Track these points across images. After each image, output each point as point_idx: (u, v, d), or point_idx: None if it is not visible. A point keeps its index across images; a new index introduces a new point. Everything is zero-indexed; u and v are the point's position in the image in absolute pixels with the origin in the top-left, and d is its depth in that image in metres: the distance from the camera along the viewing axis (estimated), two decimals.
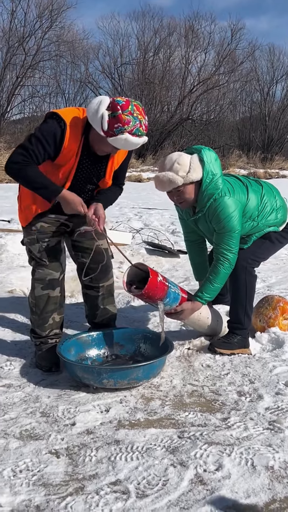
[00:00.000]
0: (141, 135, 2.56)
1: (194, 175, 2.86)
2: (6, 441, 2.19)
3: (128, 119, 2.50)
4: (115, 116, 2.50)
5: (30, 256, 2.98)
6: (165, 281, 2.85)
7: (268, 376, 2.85)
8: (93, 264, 3.02)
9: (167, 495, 1.85)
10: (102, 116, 2.50)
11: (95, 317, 3.14)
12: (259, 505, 1.80)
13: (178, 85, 24.95)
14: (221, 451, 2.10)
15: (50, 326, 2.95)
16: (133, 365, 2.65)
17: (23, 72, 22.25)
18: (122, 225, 7.57)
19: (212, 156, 2.94)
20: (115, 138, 2.52)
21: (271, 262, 5.45)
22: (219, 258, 2.97)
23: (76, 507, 1.79)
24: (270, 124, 26.46)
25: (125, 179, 3.10)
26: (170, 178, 2.84)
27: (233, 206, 2.92)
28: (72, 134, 2.64)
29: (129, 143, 2.54)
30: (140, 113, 2.56)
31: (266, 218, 3.11)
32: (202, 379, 2.83)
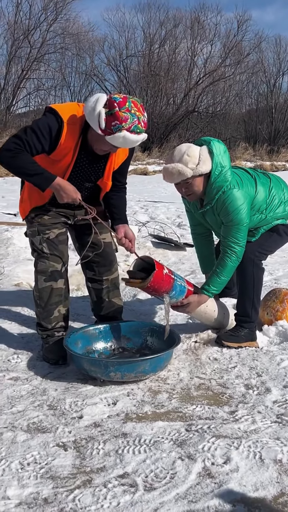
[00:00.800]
0: (139, 132, 2.52)
1: (203, 167, 2.84)
2: (13, 434, 2.20)
3: (125, 116, 2.46)
4: (112, 113, 2.46)
5: (33, 248, 2.98)
6: (171, 274, 2.84)
7: (276, 369, 2.84)
8: (97, 257, 3.02)
9: (175, 488, 1.85)
10: (99, 114, 2.47)
11: (101, 310, 3.14)
12: (267, 499, 1.80)
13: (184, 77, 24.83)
14: (229, 444, 2.10)
15: (56, 318, 2.95)
16: (140, 358, 2.65)
17: (29, 65, 22.19)
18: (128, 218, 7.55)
19: (221, 148, 2.92)
20: (113, 136, 2.48)
21: (278, 255, 5.42)
22: (226, 251, 2.96)
23: (84, 500, 1.79)
24: (277, 116, 26.30)
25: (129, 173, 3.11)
26: (179, 170, 2.81)
27: (242, 199, 2.90)
28: (69, 131, 2.61)
29: (127, 140, 2.50)
30: (138, 109, 2.52)
31: (274, 211, 3.09)
32: (209, 372, 2.82)
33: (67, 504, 1.77)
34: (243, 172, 3.10)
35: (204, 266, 3.39)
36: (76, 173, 2.79)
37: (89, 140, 2.67)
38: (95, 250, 3.01)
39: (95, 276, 3.07)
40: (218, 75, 24.55)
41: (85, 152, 2.72)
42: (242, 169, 3.17)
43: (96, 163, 2.80)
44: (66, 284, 2.99)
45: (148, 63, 24.15)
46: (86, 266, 3.10)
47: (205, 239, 3.33)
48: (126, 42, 25.35)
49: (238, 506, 1.76)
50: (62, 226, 2.96)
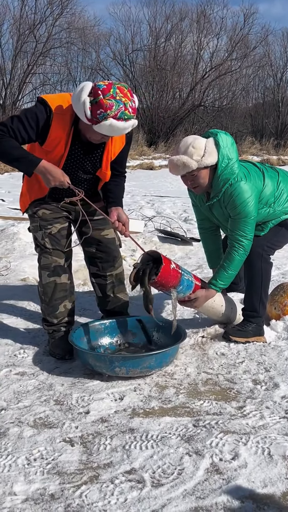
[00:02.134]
0: (127, 118, 2.45)
1: (209, 159, 2.81)
2: (20, 429, 2.18)
3: (110, 104, 2.40)
4: (97, 102, 2.40)
5: (36, 243, 2.97)
6: (178, 269, 2.82)
7: (284, 364, 2.81)
8: (100, 253, 3.00)
9: (183, 484, 1.83)
10: (84, 103, 2.42)
11: (106, 305, 3.13)
12: (276, 495, 1.78)
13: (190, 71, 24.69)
14: (237, 440, 2.08)
15: (62, 314, 2.93)
16: (146, 354, 2.62)
17: (34, 60, 22.13)
18: (134, 213, 7.52)
19: (229, 140, 2.89)
20: (99, 125, 2.43)
21: (285, 249, 5.35)
22: (233, 245, 2.93)
23: (91, 496, 1.78)
24: (284, 110, 26.13)
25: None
26: (184, 162, 2.78)
27: (249, 192, 2.87)
28: (58, 121, 2.58)
29: (114, 128, 2.45)
30: (124, 95, 2.45)
31: (283, 205, 3.06)
32: (216, 367, 2.80)
33: (74, 500, 1.76)
34: (251, 166, 3.06)
35: (211, 261, 3.36)
36: (72, 164, 2.75)
37: (81, 129, 2.63)
38: (98, 247, 2.99)
39: (98, 271, 3.05)
40: (225, 69, 24.40)
41: (79, 142, 2.68)
42: (250, 163, 3.14)
43: (91, 153, 2.75)
44: (70, 279, 2.97)
45: (154, 57, 24.03)
46: (89, 262, 3.08)
47: (212, 234, 3.30)
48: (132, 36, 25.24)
49: (246, 502, 1.74)
50: (64, 220, 2.93)
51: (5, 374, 2.70)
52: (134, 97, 2.52)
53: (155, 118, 22.63)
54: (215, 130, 2.95)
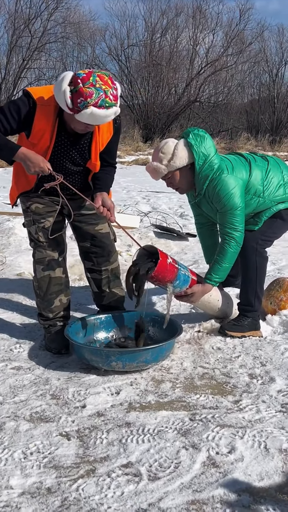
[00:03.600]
0: (109, 106, 2.42)
1: (177, 162, 2.87)
2: (16, 423, 2.18)
3: (90, 92, 2.37)
4: (77, 90, 2.38)
5: (30, 238, 2.96)
6: (175, 263, 2.81)
7: (280, 358, 2.81)
8: (94, 248, 2.99)
9: (180, 478, 1.83)
10: (64, 93, 2.40)
11: (102, 300, 3.12)
12: (272, 488, 1.78)
13: (186, 67, 24.61)
14: (234, 434, 2.08)
15: (57, 308, 2.93)
16: (142, 348, 2.62)
17: (29, 55, 22.01)
18: (130, 209, 7.51)
19: (200, 137, 2.90)
20: (80, 114, 2.41)
21: (281, 244, 5.38)
22: (224, 238, 2.93)
23: (87, 489, 1.78)
24: (279, 106, 26.06)
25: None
26: (154, 168, 2.90)
27: (233, 183, 2.88)
28: (42, 112, 2.56)
29: (96, 116, 2.42)
30: (104, 83, 2.42)
31: (274, 194, 3.04)
32: (213, 361, 2.80)
33: (71, 493, 1.76)
34: (236, 157, 3.07)
35: (208, 256, 3.36)
36: (59, 155, 2.72)
37: (66, 120, 2.60)
38: (93, 242, 2.98)
39: (94, 266, 3.04)
40: (220, 65, 24.32)
41: (65, 133, 2.66)
42: (238, 154, 3.14)
43: (78, 144, 2.72)
44: (65, 273, 2.96)
45: (149, 52, 23.93)
46: (84, 257, 3.07)
47: (208, 229, 3.30)
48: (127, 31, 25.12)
49: (243, 495, 1.74)
50: (58, 215, 2.91)
51: (1, 368, 2.69)
52: (116, 84, 2.48)
53: (151, 114, 22.56)
54: (188, 130, 2.98)
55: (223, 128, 24.07)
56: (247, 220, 3.03)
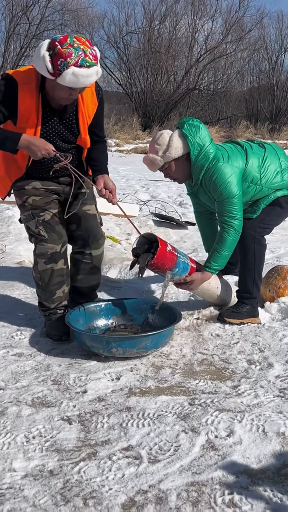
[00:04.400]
0: (89, 65, 2.40)
1: (173, 153, 2.90)
2: (18, 408, 2.21)
3: (69, 52, 2.35)
4: (56, 53, 2.36)
5: (29, 233, 2.93)
6: (175, 251, 2.84)
7: (278, 345, 2.85)
8: (80, 231, 2.97)
9: (179, 460, 1.87)
10: (43, 58, 2.38)
11: (75, 281, 3.09)
12: (270, 470, 1.82)
13: (185, 54, 24.47)
14: (232, 418, 2.12)
15: (59, 299, 2.94)
16: (142, 334, 2.65)
17: (27, 42, 21.89)
18: (129, 197, 7.53)
19: (195, 127, 2.92)
20: (62, 76, 2.38)
21: (280, 233, 5.41)
22: (223, 227, 2.95)
23: (89, 472, 1.81)
24: (278, 94, 25.97)
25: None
26: (150, 160, 2.94)
27: (229, 172, 2.90)
28: (25, 91, 2.54)
29: (78, 76, 2.39)
30: (83, 43, 2.40)
31: (271, 181, 3.05)
32: (211, 348, 2.83)
33: (73, 476, 1.79)
34: (233, 145, 3.08)
35: (207, 244, 3.39)
36: (49, 133, 2.70)
37: (49, 92, 2.58)
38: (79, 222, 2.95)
39: (79, 249, 3.01)
40: (219, 52, 24.19)
41: (49, 109, 2.64)
42: (235, 142, 3.15)
43: (65, 118, 2.70)
44: (66, 263, 2.96)
45: (148, 40, 23.78)
46: (71, 240, 3.03)
47: (207, 218, 3.32)
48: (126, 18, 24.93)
49: (241, 477, 1.78)
50: (56, 204, 2.90)
51: (2, 355, 2.72)
52: (94, 47, 2.47)
53: (150, 102, 22.48)
54: (183, 120, 3.00)
55: (222, 116, 23.97)
56: (245, 208, 3.05)
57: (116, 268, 4.30)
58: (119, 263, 4.36)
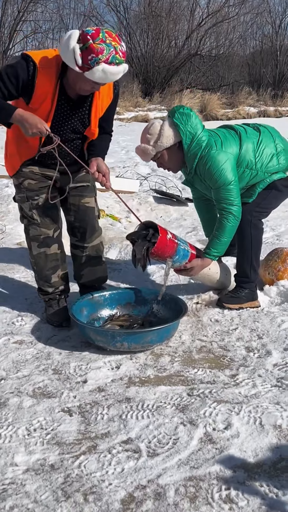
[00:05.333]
0: (119, 63, 2.39)
1: (164, 142, 2.89)
2: (19, 399, 2.25)
3: (101, 48, 2.32)
4: (87, 47, 2.32)
5: (22, 214, 2.92)
6: (175, 239, 2.83)
7: (277, 331, 2.87)
8: (77, 222, 2.97)
9: (178, 454, 1.91)
10: (73, 51, 2.34)
11: (81, 278, 3.11)
12: (266, 464, 1.86)
13: (186, 18, 23.87)
14: (230, 410, 2.15)
15: (56, 283, 2.96)
16: (148, 329, 2.65)
17: (25, 6, 21.34)
18: (129, 172, 7.47)
19: (186, 115, 2.89)
20: (91, 71, 2.36)
21: (280, 209, 5.34)
22: (222, 213, 2.94)
23: (89, 466, 1.85)
24: (282, 59, 25.43)
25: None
26: (142, 150, 2.95)
27: (223, 159, 2.87)
28: (44, 75, 2.49)
29: (107, 73, 2.38)
30: (113, 39, 2.37)
31: (266, 165, 3.02)
32: (210, 334, 2.86)
33: (73, 470, 1.83)
34: (226, 131, 3.05)
35: (206, 229, 3.38)
36: (60, 121, 2.66)
37: (70, 81, 2.54)
38: (76, 214, 2.95)
39: (77, 242, 3.02)
40: (222, 16, 23.60)
41: (65, 97, 2.60)
42: (227, 127, 3.11)
43: (79, 108, 2.67)
44: (61, 248, 2.96)
45: (149, 3, 23.19)
46: (69, 231, 3.04)
47: (205, 203, 3.30)
48: None
49: (238, 472, 1.82)
50: (52, 190, 2.86)
51: (4, 342, 2.75)
52: (122, 42, 2.44)
53: (150, 68, 22.06)
54: (174, 109, 2.97)
55: (224, 83, 23.55)
56: (241, 193, 3.03)
57: (116, 248, 4.31)
58: (119, 243, 4.36)
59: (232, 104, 21.91)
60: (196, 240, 4.56)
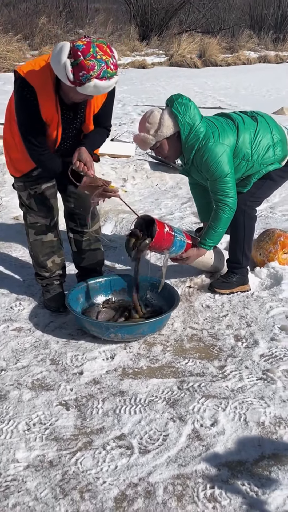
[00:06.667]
0: (110, 76, 2.41)
1: (165, 131, 2.90)
2: (19, 392, 2.39)
3: (92, 64, 2.33)
4: (78, 63, 2.33)
5: (20, 202, 3.00)
6: (171, 231, 2.89)
7: (265, 318, 2.99)
8: (77, 209, 3.03)
9: (167, 451, 2.06)
10: (64, 66, 2.35)
11: (81, 261, 3.21)
12: (249, 462, 2.01)
13: None
14: (217, 405, 2.29)
15: (52, 268, 3.06)
16: (140, 322, 2.76)
17: None
18: (125, 131, 7.40)
19: (184, 106, 2.90)
20: (83, 87, 2.39)
21: None
22: (218, 205, 3.00)
23: (85, 463, 2.01)
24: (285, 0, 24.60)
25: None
26: (142, 139, 2.95)
27: (220, 151, 2.91)
28: (43, 96, 2.54)
29: (99, 88, 2.41)
30: (104, 53, 2.38)
31: (262, 156, 3.05)
32: (201, 321, 2.98)
33: (70, 467, 1.99)
34: (224, 120, 3.06)
35: (202, 214, 3.45)
36: (66, 127, 2.73)
37: (64, 91, 2.57)
38: (76, 202, 3.01)
39: (76, 227, 3.09)
40: None
41: (65, 107, 2.65)
42: (226, 116, 3.12)
43: (77, 110, 2.72)
44: (57, 236, 3.04)
45: None
46: (68, 217, 3.11)
47: (202, 188, 3.34)
48: None
49: (223, 470, 1.97)
50: (49, 179, 2.92)
51: (3, 330, 2.87)
52: (114, 52, 2.44)
53: (148, 9, 21.24)
54: (172, 97, 2.97)
55: (224, 26, 22.80)
56: (236, 184, 3.07)
57: (112, 222, 4.36)
58: (114, 216, 4.41)
59: (232, 49, 21.32)
60: (191, 213, 4.63)
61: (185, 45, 18.95)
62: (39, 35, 17.15)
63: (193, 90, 12.60)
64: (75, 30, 19.34)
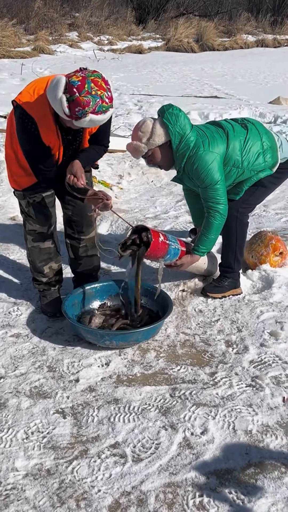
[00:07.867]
0: (106, 110, 2.49)
1: (156, 140, 2.98)
2: (18, 400, 2.49)
3: (87, 100, 2.41)
4: (74, 100, 2.42)
5: (20, 209, 3.09)
6: (166, 240, 2.98)
7: (255, 323, 3.09)
8: (75, 216, 3.11)
9: (159, 460, 2.16)
10: (61, 101, 2.43)
11: (78, 267, 3.30)
12: (236, 470, 2.12)
13: None
14: (207, 413, 2.40)
15: (49, 273, 3.14)
16: (135, 330, 2.85)
17: None
18: (121, 124, 7.42)
19: (175, 116, 2.98)
20: (79, 121, 2.48)
21: None
22: (209, 212, 3.07)
23: (81, 471, 2.11)
24: None
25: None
26: (134, 147, 3.02)
27: (210, 158, 2.98)
28: (44, 126, 2.62)
29: (95, 122, 2.51)
30: (99, 87, 2.45)
31: (253, 163, 3.12)
32: (194, 326, 3.07)
33: (67, 476, 2.09)
34: (214, 129, 3.12)
35: (195, 219, 3.53)
36: (67, 150, 2.83)
37: (62, 121, 2.65)
38: (74, 209, 3.08)
39: (73, 234, 3.17)
40: None
41: (65, 132, 2.75)
42: (216, 124, 3.18)
43: (76, 132, 2.81)
44: (54, 243, 3.13)
45: None
46: (66, 223, 3.19)
47: (195, 194, 3.41)
48: None
49: (211, 478, 2.08)
50: (48, 188, 2.98)
51: (2, 336, 2.96)
52: (109, 84, 2.53)
53: None
54: (163, 108, 3.04)
55: (222, 9, 22.59)
56: (228, 190, 3.15)
57: (107, 221, 4.44)
58: (110, 215, 4.47)
59: (229, 33, 21.18)
60: (185, 211, 4.70)
61: (182, 29, 18.82)
62: (35, 19, 17.02)
63: (190, 77, 12.58)
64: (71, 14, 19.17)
